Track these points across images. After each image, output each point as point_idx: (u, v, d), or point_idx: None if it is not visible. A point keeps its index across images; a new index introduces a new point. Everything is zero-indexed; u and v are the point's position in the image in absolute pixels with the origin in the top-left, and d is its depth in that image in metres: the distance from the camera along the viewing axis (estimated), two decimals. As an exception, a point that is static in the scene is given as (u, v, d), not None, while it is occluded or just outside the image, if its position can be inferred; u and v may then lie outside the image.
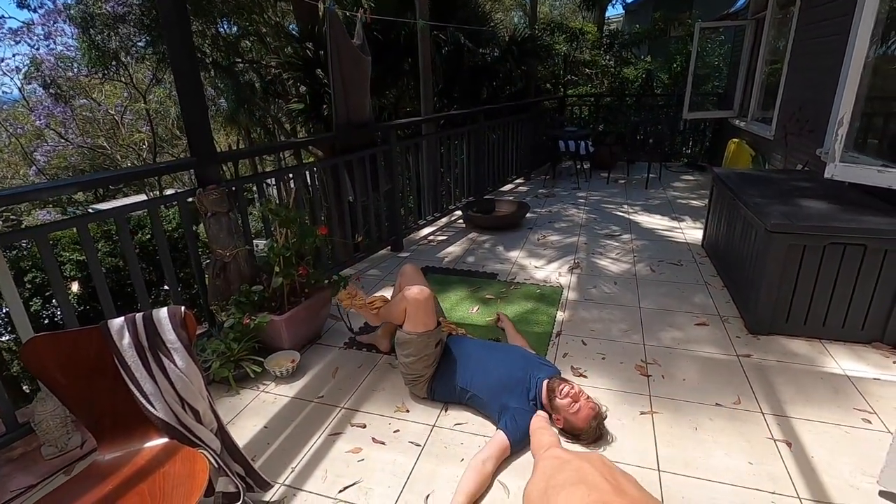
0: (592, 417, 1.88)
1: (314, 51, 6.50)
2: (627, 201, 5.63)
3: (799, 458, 1.82)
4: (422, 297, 2.02)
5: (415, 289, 2.05)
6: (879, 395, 2.16)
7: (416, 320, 2.05)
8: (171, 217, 9.96)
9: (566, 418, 1.90)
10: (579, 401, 1.90)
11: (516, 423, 1.89)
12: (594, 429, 1.89)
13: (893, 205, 2.65)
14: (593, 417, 1.88)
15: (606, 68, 10.20)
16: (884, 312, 2.45)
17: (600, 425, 1.92)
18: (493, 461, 1.78)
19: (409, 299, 2.03)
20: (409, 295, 2.04)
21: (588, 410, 1.88)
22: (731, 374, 2.33)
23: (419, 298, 2.02)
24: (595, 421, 1.88)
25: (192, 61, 2.42)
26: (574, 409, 1.88)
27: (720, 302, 3.06)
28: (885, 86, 3.36)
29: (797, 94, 4.61)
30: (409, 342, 2.08)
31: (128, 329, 1.43)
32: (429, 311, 2.06)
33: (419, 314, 2.04)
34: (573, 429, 1.91)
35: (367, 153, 3.76)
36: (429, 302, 2.06)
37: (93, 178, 2.46)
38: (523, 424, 1.90)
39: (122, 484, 1.31)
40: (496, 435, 1.88)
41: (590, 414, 1.88)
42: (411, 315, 2.05)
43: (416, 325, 2.05)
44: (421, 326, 2.05)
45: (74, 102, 13.84)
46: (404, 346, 2.10)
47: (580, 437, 1.91)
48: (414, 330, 2.06)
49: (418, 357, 2.08)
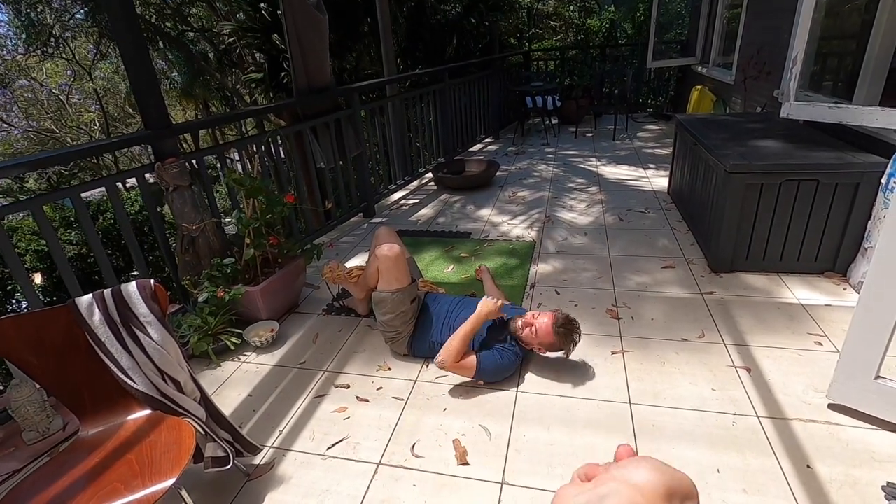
0: (552, 326, 1.95)
1: (269, 12, 6.21)
2: (595, 154, 5.68)
3: (757, 381, 1.96)
4: (391, 254, 2.05)
5: (384, 247, 2.08)
6: (830, 319, 2.31)
7: (389, 277, 2.08)
8: (133, 199, 9.60)
9: (539, 343, 2.00)
10: (534, 323, 1.99)
11: (490, 353, 2.01)
12: (563, 335, 1.95)
13: (844, 140, 2.76)
14: (553, 325, 1.95)
15: (571, 20, 10.05)
16: (835, 244, 2.59)
17: (568, 329, 1.96)
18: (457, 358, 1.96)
19: (379, 258, 2.06)
20: (379, 253, 2.06)
21: (545, 327, 1.96)
22: (695, 311, 2.45)
23: (389, 255, 2.05)
24: (558, 327, 1.95)
25: (135, 28, 2.30)
26: (535, 332, 1.98)
27: (685, 245, 3.18)
28: (837, 25, 3.43)
29: (756, 37, 4.66)
30: (384, 300, 2.11)
31: (97, 305, 1.41)
32: (400, 267, 2.09)
33: (391, 271, 2.07)
34: (551, 347, 2.00)
35: (332, 118, 3.67)
36: (399, 259, 2.08)
37: (40, 157, 2.35)
38: (494, 357, 2.00)
39: (108, 456, 1.32)
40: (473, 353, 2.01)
41: (549, 327, 1.95)
42: (383, 273, 2.09)
43: (390, 283, 2.09)
44: (394, 283, 2.09)
45: (14, 84, 12.97)
46: (380, 304, 2.14)
47: (563, 349, 1.99)
48: (388, 287, 2.09)
49: (395, 314, 2.12)
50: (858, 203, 2.45)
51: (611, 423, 1.81)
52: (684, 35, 7.89)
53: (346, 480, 1.65)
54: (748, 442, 1.67)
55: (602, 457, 1.66)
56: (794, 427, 1.72)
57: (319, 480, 1.66)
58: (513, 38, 9.57)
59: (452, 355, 1.97)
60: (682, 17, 8.37)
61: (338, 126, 3.75)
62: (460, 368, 1.99)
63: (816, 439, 1.66)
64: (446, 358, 1.98)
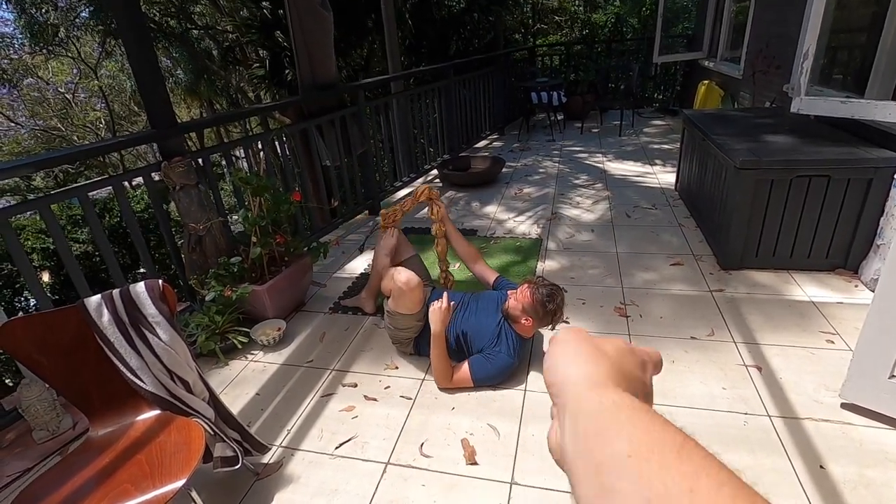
0: (533, 293, 1.95)
1: (272, 10, 6.19)
2: (601, 150, 5.64)
3: (768, 380, 1.94)
4: (406, 289, 2.02)
5: (402, 278, 2.02)
6: (842, 317, 2.28)
7: (400, 304, 2.07)
8: (139, 197, 9.64)
9: (526, 315, 1.98)
10: (517, 300, 1.99)
11: (478, 359, 2.00)
12: (545, 296, 1.94)
13: (856, 135, 2.72)
14: (532, 292, 1.95)
15: (576, 15, 9.98)
16: (846, 240, 2.55)
17: (549, 291, 1.96)
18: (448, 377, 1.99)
19: (396, 286, 2.04)
20: (397, 281, 2.03)
21: (526, 296, 1.96)
22: (704, 309, 2.43)
23: (404, 290, 2.02)
24: (537, 291, 1.95)
25: (140, 25, 2.29)
26: (522, 307, 1.97)
27: (693, 242, 3.15)
28: (848, 17, 3.38)
29: (764, 30, 4.60)
30: (394, 315, 2.12)
31: (106, 306, 1.41)
32: (414, 298, 2.07)
33: (404, 300, 2.06)
34: (540, 317, 1.97)
35: (337, 115, 3.66)
36: (415, 291, 2.04)
37: (48, 156, 2.35)
38: (487, 364, 1.99)
39: (118, 456, 1.33)
40: (465, 363, 2.01)
41: (531, 296, 1.95)
42: (396, 298, 2.07)
43: (400, 308, 2.08)
44: (404, 309, 2.09)
45: (21, 83, 13.03)
46: (391, 316, 2.15)
47: (553, 316, 1.98)
48: (399, 311, 2.10)
49: (404, 329, 2.14)
50: (871, 199, 2.42)
51: (620, 422, 1.79)
52: (691, 29, 7.81)
53: (354, 480, 1.65)
54: (760, 442, 1.66)
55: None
56: (806, 427, 1.70)
57: (328, 480, 1.66)
58: (517, 33, 9.52)
59: (442, 377, 2.01)
60: (689, 11, 8.29)
61: (343, 123, 3.74)
62: (458, 384, 2.02)
63: (829, 439, 1.64)
64: (441, 382, 2.03)
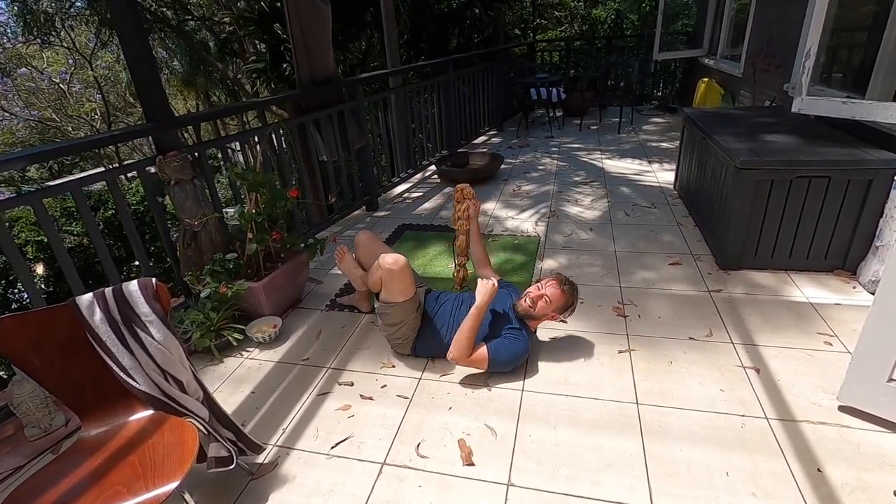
0: (560, 286, 2.06)
1: (270, 3, 6.13)
2: (600, 147, 5.62)
3: (766, 381, 1.93)
4: (396, 267, 1.98)
5: (388, 259, 2.00)
6: (840, 318, 2.28)
7: (393, 289, 2.03)
8: (134, 190, 9.56)
9: (555, 310, 2.06)
10: (544, 294, 2.04)
11: (501, 341, 2.02)
12: (570, 291, 2.08)
13: (857, 136, 2.71)
14: (560, 285, 2.06)
15: (576, 10, 9.93)
16: (845, 241, 2.55)
17: (570, 284, 2.10)
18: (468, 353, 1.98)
19: (383, 269, 2.00)
20: (383, 264, 1.99)
21: (556, 291, 2.05)
22: (703, 309, 2.42)
23: (393, 269, 1.98)
24: (564, 287, 2.06)
25: (135, 16, 2.25)
26: (549, 301, 2.04)
27: (692, 241, 3.14)
28: (850, 17, 3.36)
29: (765, 28, 4.58)
30: (389, 313, 2.08)
31: (98, 304, 1.39)
32: (405, 279, 2.03)
33: (395, 283, 2.02)
34: (564, 308, 2.08)
35: (335, 110, 3.62)
36: (404, 270, 2.01)
37: (41, 149, 2.31)
38: (506, 344, 2.01)
39: (111, 457, 1.31)
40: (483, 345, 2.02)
41: (558, 288, 2.06)
42: (387, 284, 2.03)
43: (395, 295, 2.04)
44: (398, 296, 2.04)
45: (14, 73, 12.88)
46: (385, 317, 2.11)
47: (573, 304, 2.11)
48: (392, 300, 2.05)
49: (400, 325, 2.10)
50: (870, 200, 2.41)
51: (618, 423, 1.78)
52: (691, 26, 7.78)
53: (350, 480, 1.63)
54: (757, 444, 1.65)
55: (610, 458, 1.64)
56: (804, 429, 1.70)
57: (324, 480, 1.64)
58: (517, 28, 9.46)
59: (464, 351, 1.97)
60: (689, 8, 8.24)
61: (341, 118, 3.71)
62: (472, 362, 2.01)
63: (827, 442, 1.64)
64: (458, 355, 1.98)
